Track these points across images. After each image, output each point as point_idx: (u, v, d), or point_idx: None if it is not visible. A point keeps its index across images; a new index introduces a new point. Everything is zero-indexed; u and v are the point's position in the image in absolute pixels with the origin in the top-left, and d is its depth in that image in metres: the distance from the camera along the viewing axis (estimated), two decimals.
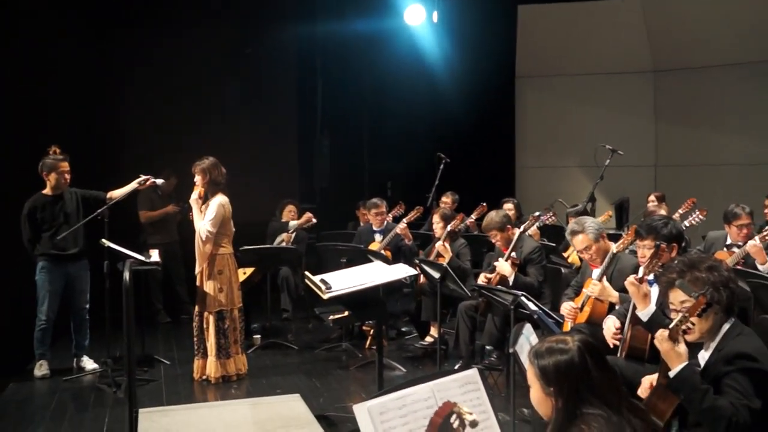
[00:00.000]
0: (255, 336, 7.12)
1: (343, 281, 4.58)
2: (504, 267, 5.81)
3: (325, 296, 4.44)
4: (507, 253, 5.93)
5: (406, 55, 10.59)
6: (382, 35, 10.41)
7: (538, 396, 2.33)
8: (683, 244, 4.59)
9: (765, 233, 5.52)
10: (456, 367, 5.85)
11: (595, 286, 4.66)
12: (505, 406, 4.80)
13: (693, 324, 2.94)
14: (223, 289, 5.89)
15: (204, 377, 5.92)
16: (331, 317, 6.97)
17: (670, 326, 2.93)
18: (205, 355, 5.93)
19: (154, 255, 5.94)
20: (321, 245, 7.74)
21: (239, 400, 5.52)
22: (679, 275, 3.05)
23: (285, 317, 7.87)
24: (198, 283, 5.94)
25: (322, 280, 4.49)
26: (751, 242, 5.49)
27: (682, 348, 2.91)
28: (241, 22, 9.91)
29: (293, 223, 7.97)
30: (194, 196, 5.92)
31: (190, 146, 7.88)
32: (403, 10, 10.38)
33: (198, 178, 5.91)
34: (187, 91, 9.51)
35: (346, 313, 6.49)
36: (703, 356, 3.04)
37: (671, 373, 2.89)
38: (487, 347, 5.98)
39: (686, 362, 2.89)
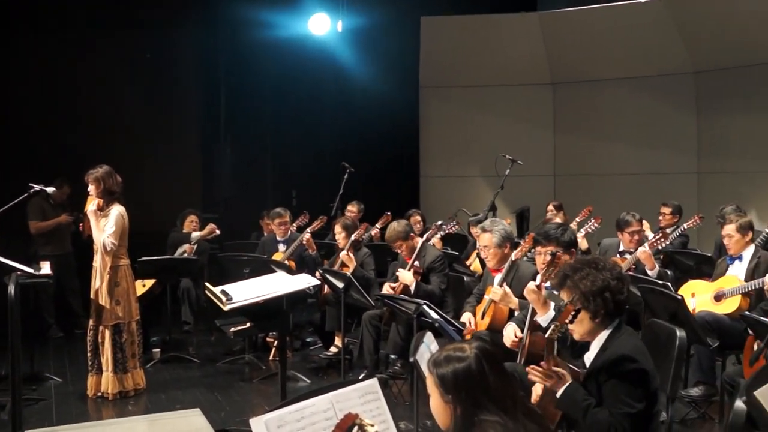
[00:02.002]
0: (154, 350, 6.89)
1: (244, 292, 4.50)
2: (406, 276, 5.85)
3: (226, 308, 4.35)
4: (410, 262, 5.97)
5: (311, 64, 10.55)
6: (286, 44, 10.33)
7: (437, 404, 2.33)
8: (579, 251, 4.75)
9: (652, 240, 5.77)
10: (361, 377, 5.83)
11: (497, 290, 4.74)
12: (409, 415, 4.83)
13: (566, 331, 3.10)
14: (120, 302, 5.68)
15: (99, 394, 5.68)
16: (233, 329, 6.83)
17: (546, 335, 3.08)
18: (99, 371, 5.69)
19: (45, 267, 5.63)
20: (223, 256, 7.59)
21: (136, 417, 5.29)
22: (559, 283, 3.18)
23: (186, 330, 7.66)
24: (93, 296, 5.70)
25: (223, 291, 4.40)
26: (641, 249, 5.73)
27: (562, 372, 3.08)
28: (141, 26, 9.63)
29: (195, 235, 7.78)
30: (92, 207, 5.66)
31: (85, 153, 7.60)
32: (308, 19, 10.37)
33: (92, 188, 5.67)
34: (82, 95, 9.16)
35: (249, 325, 6.38)
36: (588, 357, 3.17)
37: (558, 394, 3.05)
38: (392, 356, 6.00)
39: (569, 381, 3.05)
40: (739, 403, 2.29)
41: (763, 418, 1.98)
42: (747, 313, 4.61)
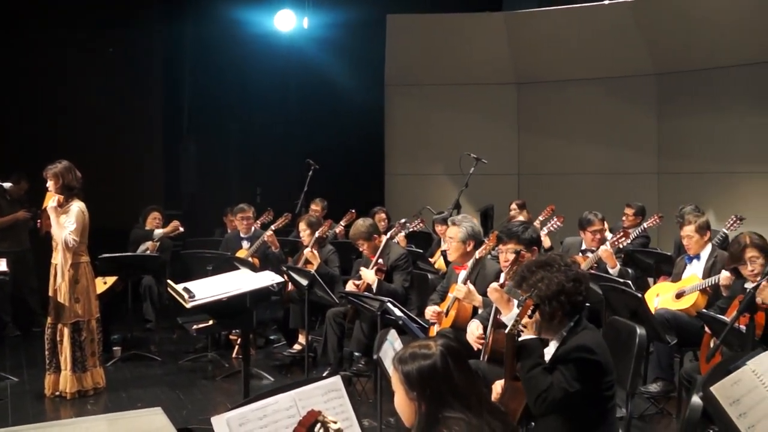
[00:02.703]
0: (115, 348, 6.79)
1: (207, 289, 4.47)
2: (367, 274, 5.86)
3: (188, 305, 4.31)
4: (374, 260, 5.98)
5: (276, 61, 10.50)
6: (252, 40, 10.27)
7: (401, 401, 2.34)
8: (542, 249, 4.80)
9: (614, 239, 5.86)
10: (324, 375, 5.81)
11: (461, 288, 4.76)
12: (373, 413, 4.84)
13: (525, 327, 3.13)
14: (80, 299, 5.59)
15: (57, 393, 5.58)
16: (195, 327, 6.74)
17: (506, 331, 3.09)
18: (57, 370, 5.59)
19: (2, 264, 5.56)
20: (186, 252, 7.50)
21: (95, 417, 5.16)
22: (517, 284, 3.22)
23: (147, 327, 7.56)
24: (51, 294, 5.60)
25: (185, 289, 4.36)
26: (602, 247, 5.81)
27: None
28: (104, 20, 9.48)
29: (159, 232, 7.68)
30: (53, 203, 5.55)
31: (44, 148, 7.46)
32: (274, 15, 10.31)
33: (50, 183, 5.56)
34: (43, 90, 8.98)
35: (211, 322, 6.32)
36: (549, 351, 3.21)
37: (522, 338, 3.12)
38: (356, 354, 6.00)
39: (537, 336, 3.12)
40: (696, 399, 2.34)
41: (718, 414, 2.02)
42: (704, 310, 4.69)
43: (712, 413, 2.07)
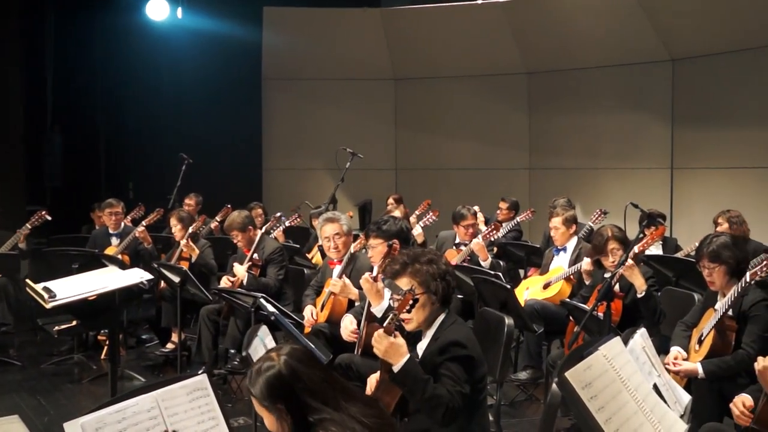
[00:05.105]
0: None
1: (70, 289, 4.25)
2: (238, 270, 5.77)
3: (48, 305, 4.09)
4: (249, 254, 5.89)
5: (148, 51, 10.13)
6: (122, 29, 9.87)
7: (269, 421, 2.30)
8: (411, 242, 4.86)
9: (486, 232, 6.04)
10: (199, 373, 5.67)
11: (337, 282, 4.75)
12: (249, 410, 4.76)
13: (403, 320, 3.09)
14: None
15: None
16: (57, 328, 6.43)
17: (384, 324, 3.04)
18: None
19: None
20: (50, 250, 7.11)
21: None
22: (400, 270, 3.19)
23: (4, 330, 7.12)
24: None
25: (46, 288, 4.13)
26: (475, 240, 5.97)
27: (400, 341, 2.97)
28: None
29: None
30: None
31: None
32: (146, 4, 9.95)
33: None
34: None
35: (74, 323, 6.04)
36: (421, 346, 3.23)
37: (395, 368, 2.94)
38: (231, 351, 5.89)
39: (408, 355, 2.96)
40: (556, 384, 2.44)
41: (571, 398, 2.11)
42: (567, 300, 4.90)
43: (567, 398, 2.16)
